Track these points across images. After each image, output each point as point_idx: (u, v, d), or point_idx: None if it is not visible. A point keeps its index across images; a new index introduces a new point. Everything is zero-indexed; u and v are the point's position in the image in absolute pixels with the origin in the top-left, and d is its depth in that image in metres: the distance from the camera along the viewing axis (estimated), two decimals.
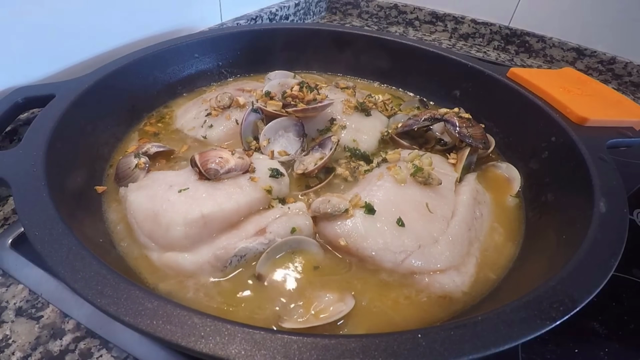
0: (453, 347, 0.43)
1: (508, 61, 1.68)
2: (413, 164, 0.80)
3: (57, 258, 0.50)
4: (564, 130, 0.84)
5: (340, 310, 0.60)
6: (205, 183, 0.72)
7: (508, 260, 0.74)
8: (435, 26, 1.85)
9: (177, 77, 1.11)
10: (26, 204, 0.57)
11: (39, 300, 0.65)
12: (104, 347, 0.60)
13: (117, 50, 1.08)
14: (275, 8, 1.64)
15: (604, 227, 0.61)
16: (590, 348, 0.67)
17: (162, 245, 0.67)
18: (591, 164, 0.74)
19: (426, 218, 0.72)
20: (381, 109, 1.05)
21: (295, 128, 0.91)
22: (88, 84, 0.84)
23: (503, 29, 1.70)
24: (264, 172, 0.77)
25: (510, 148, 0.98)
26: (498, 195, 0.87)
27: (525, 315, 0.47)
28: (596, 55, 1.54)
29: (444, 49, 1.19)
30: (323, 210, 0.71)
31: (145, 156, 0.84)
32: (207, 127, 0.96)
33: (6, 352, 0.58)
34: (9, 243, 0.73)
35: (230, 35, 1.19)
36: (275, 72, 1.15)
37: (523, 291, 0.52)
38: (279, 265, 0.68)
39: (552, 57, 1.64)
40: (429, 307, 0.64)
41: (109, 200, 0.79)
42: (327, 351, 0.42)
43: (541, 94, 0.94)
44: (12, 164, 0.63)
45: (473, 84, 1.09)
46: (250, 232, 0.69)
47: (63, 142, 0.73)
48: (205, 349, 0.42)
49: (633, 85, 1.52)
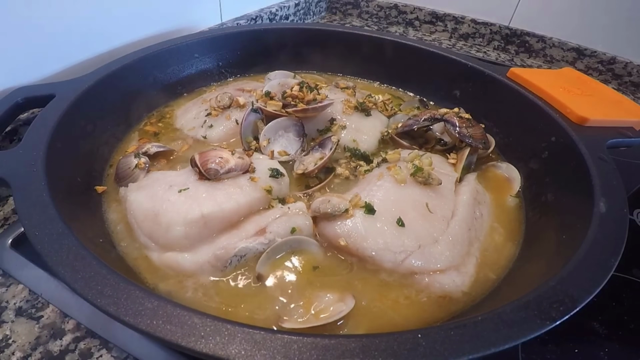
0: (453, 347, 0.43)
1: (508, 61, 1.68)
2: (413, 164, 0.80)
3: (57, 258, 0.50)
4: (564, 130, 0.84)
5: (341, 310, 0.60)
6: (205, 183, 0.72)
7: (508, 260, 0.74)
8: (435, 26, 1.85)
9: (177, 77, 1.11)
10: (26, 204, 0.57)
11: (39, 300, 0.65)
12: (104, 347, 0.60)
13: (117, 50, 1.08)
14: (275, 8, 1.64)
15: (604, 227, 0.61)
16: (590, 348, 0.67)
17: (162, 245, 0.67)
18: (591, 164, 0.74)
19: (426, 218, 0.72)
20: (381, 109, 1.05)
21: (295, 128, 0.91)
22: (88, 84, 0.84)
23: (503, 29, 1.70)
24: (264, 172, 0.77)
25: (510, 148, 0.98)
26: (498, 195, 0.87)
27: (525, 315, 0.47)
28: (596, 55, 1.54)
29: (444, 49, 1.19)
30: (323, 210, 0.71)
31: (145, 156, 0.84)
32: (207, 127, 0.96)
33: (6, 352, 0.58)
34: (9, 243, 0.73)
35: (230, 35, 1.19)
36: (275, 72, 1.15)
37: (523, 291, 0.52)
38: (279, 266, 0.68)
39: (552, 57, 1.64)
40: (429, 307, 0.64)
41: (109, 200, 0.79)
42: (327, 351, 0.42)
43: (541, 94, 0.94)
44: (12, 164, 0.63)
45: (473, 84, 1.09)
46: (250, 232, 0.69)
47: (63, 142, 0.73)
48: (205, 349, 0.42)
49: (633, 85, 1.52)
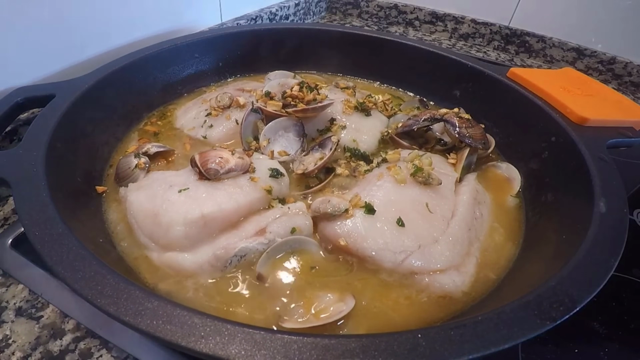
0: (453, 347, 0.43)
1: (508, 61, 1.68)
2: (413, 164, 0.80)
3: (57, 258, 0.50)
4: (564, 130, 0.84)
5: (341, 310, 0.60)
6: (205, 183, 0.72)
7: (508, 260, 0.74)
8: (435, 26, 1.85)
9: (177, 77, 1.11)
10: (26, 204, 0.57)
11: (39, 300, 0.65)
12: (104, 347, 0.60)
13: (117, 50, 1.08)
14: (275, 8, 1.64)
15: (604, 227, 0.61)
16: (590, 348, 0.67)
17: (162, 245, 0.67)
18: (591, 164, 0.74)
19: (426, 218, 0.72)
20: (381, 109, 1.05)
21: (295, 128, 0.90)
22: (88, 84, 0.84)
23: (503, 29, 1.70)
24: (264, 172, 0.77)
25: (510, 148, 0.98)
26: (498, 195, 0.87)
27: (525, 315, 0.47)
28: (596, 55, 1.54)
29: (444, 49, 1.19)
30: (323, 210, 0.71)
31: (145, 156, 0.84)
32: (207, 127, 0.96)
33: (6, 352, 0.58)
34: (9, 243, 0.73)
35: (230, 35, 1.19)
36: (275, 72, 1.15)
37: (523, 291, 0.52)
38: (279, 266, 0.68)
39: (552, 57, 1.64)
40: (429, 307, 0.64)
41: (109, 200, 0.79)
42: (327, 351, 0.42)
43: (541, 94, 0.94)
44: (12, 164, 0.63)
45: (473, 84, 1.09)
46: (250, 232, 0.69)
47: (63, 142, 0.73)
48: (205, 349, 0.42)
49: (633, 85, 1.52)
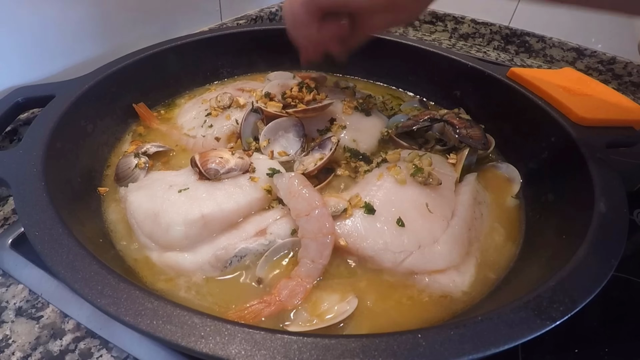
0: (453, 347, 0.43)
1: (508, 61, 1.68)
2: (413, 164, 0.80)
3: (57, 258, 0.50)
4: (564, 130, 0.84)
5: (345, 310, 0.60)
6: (205, 183, 0.72)
7: (508, 260, 0.74)
8: (435, 26, 1.85)
9: (177, 77, 1.11)
10: (26, 204, 0.57)
11: (39, 300, 0.65)
12: (104, 347, 0.60)
13: (117, 50, 1.08)
14: (275, 8, 1.64)
15: (604, 227, 0.61)
16: (590, 348, 0.67)
17: (162, 245, 0.67)
18: (591, 164, 0.74)
19: (426, 218, 0.72)
20: (381, 109, 1.05)
21: (295, 128, 0.90)
22: (88, 84, 0.84)
23: (503, 29, 1.70)
24: (264, 172, 0.77)
25: (510, 148, 0.98)
26: (498, 195, 0.87)
27: (525, 315, 0.47)
28: (596, 55, 1.54)
29: (444, 49, 1.19)
30: None
31: (145, 156, 0.84)
32: (207, 127, 0.96)
33: (6, 352, 0.58)
34: (9, 243, 0.73)
35: (230, 35, 1.18)
36: (275, 72, 1.15)
37: (523, 291, 0.52)
38: (279, 268, 0.68)
39: (552, 57, 1.64)
40: (431, 307, 0.64)
41: (108, 200, 0.79)
42: (327, 351, 0.42)
43: (541, 94, 0.94)
44: (12, 164, 0.63)
45: (473, 84, 1.09)
46: (250, 233, 0.69)
47: (63, 142, 0.72)
48: (205, 349, 0.42)
49: (633, 85, 1.52)
